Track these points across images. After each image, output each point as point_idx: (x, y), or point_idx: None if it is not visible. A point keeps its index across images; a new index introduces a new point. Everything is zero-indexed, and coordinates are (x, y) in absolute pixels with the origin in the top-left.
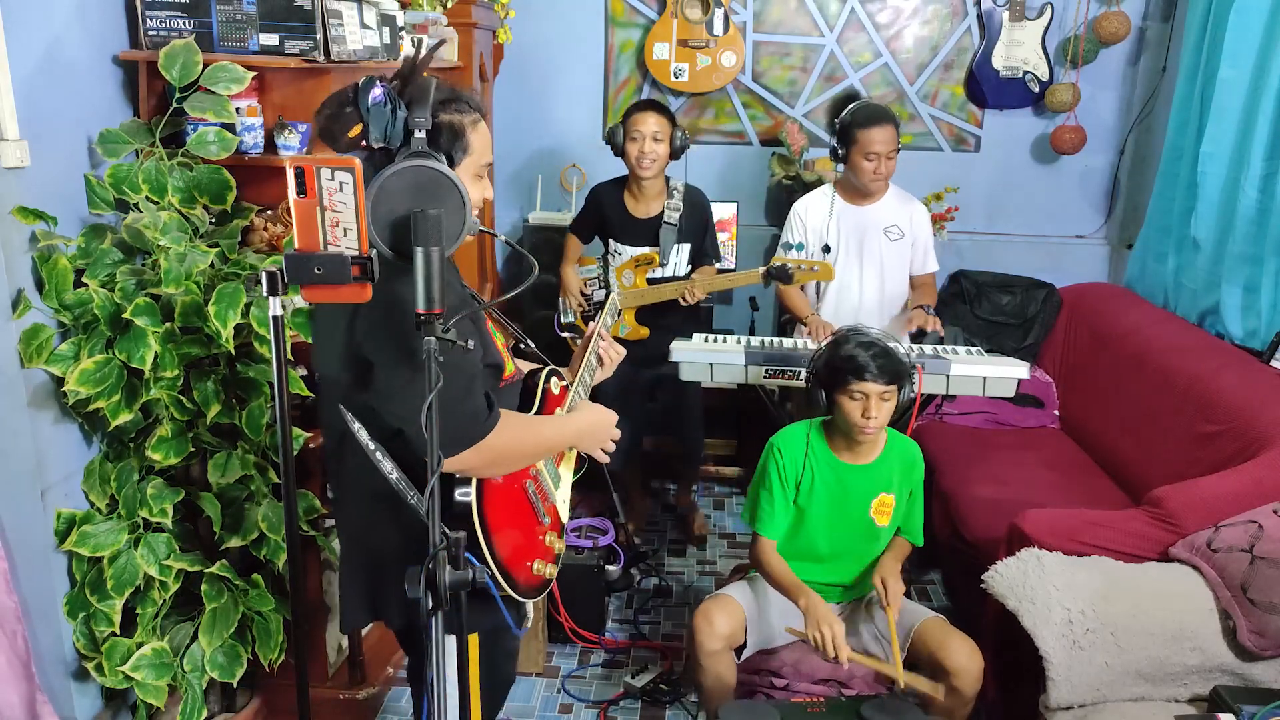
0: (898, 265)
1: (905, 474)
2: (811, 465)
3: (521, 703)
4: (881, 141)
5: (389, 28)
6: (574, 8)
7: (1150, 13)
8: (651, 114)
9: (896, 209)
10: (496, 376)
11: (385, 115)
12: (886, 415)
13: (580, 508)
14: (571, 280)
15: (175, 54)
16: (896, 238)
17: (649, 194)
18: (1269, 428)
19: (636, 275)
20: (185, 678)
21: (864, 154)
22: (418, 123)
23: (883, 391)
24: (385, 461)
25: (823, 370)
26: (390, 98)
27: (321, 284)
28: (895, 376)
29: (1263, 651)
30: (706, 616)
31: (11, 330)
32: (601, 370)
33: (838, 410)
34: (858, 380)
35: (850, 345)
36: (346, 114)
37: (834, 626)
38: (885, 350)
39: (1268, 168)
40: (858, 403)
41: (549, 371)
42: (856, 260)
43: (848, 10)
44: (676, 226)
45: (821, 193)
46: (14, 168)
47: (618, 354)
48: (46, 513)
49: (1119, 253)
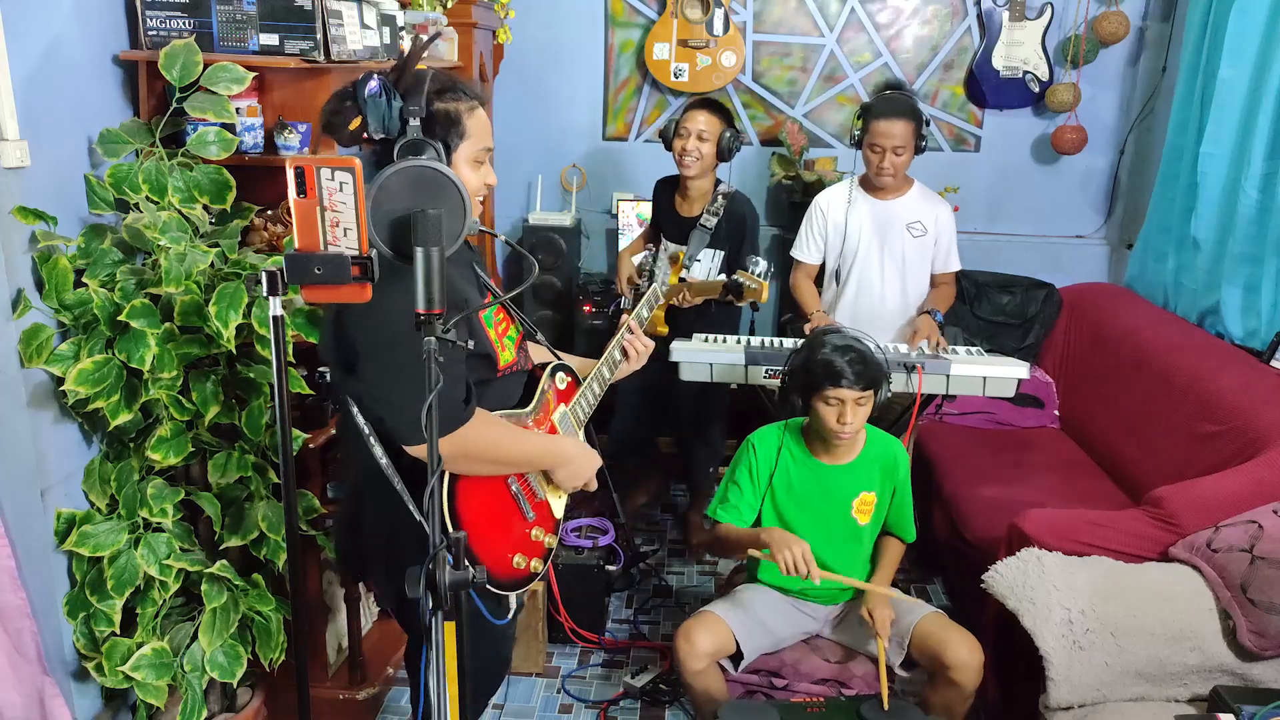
0: (920, 262)
1: (887, 471)
2: (786, 462)
3: (521, 703)
4: (885, 135)
5: (389, 27)
6: (574, 8)
7: (1150, 13)
8: (702, 112)
9: (920, 206)
10: (490, 367)
11: (381, 106)
12: (862, 419)
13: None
14: (625, 266)
15: (175, 54)
16: (919, 234)
17: (694, 194)
18: (1269, 428)
19: (672, 272)
20: (185, 678)
21: (870, 145)
22: (412, 111)
23: (858, 397)
24: (377, 446)
25: (799, 374)
26: (386, 89)
27: (321, 284)
28: (871, 382)
29: (1263, 651)
30: (686, 636)
31: (11, 330)
32: (627, 364)
33: (814, 414)
34: (833, 386)
35: (826, 350)
36: (347, 107)
37: (800, 544)
38: (861, 355)
39: (1268, 167)
40: (833, 408)
41: (554, 367)
42: (878, 253)
43: (848, 10)
44: (710, 231)
45: (843, 185)
46: (14, 168)
47: (645, 348)
48: (46, 513)
49: (1119, 253)
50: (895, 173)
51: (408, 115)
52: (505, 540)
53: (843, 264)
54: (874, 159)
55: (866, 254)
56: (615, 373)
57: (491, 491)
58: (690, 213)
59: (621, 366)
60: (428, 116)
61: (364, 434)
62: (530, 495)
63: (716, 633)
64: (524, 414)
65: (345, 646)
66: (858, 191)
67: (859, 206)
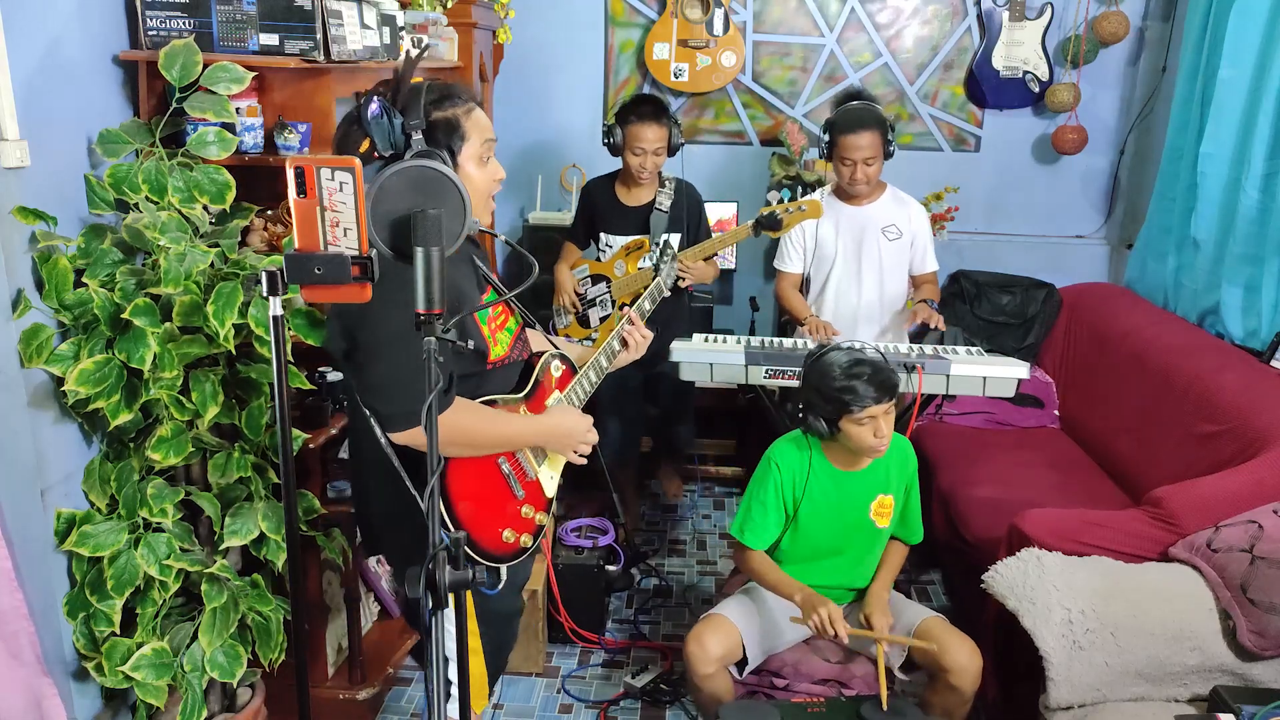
0: (897, 265)
1: (900, 472)
2: (812, 479)
3: (521, 703)
4: (855, 148)
5: (389, 28)
6: (574, 8)
7: (1150, 13)
8: (651, 127)
9: (894, 209)
10: (480, 361)
11: (384, 126)
12: (891, 424)
13: (580, 508)
14: (565, 279)
15: (175, 54)
16: (895, 237)
17: (641, 184)
18: (1269, 428)
19: (628, 263)
20: (185, 678)
21: (840, 159)
22: (413, 125)
23: (886, 409)
24: (378, 427)
25: (818, 403)
26: (385, 109)
27: (321, 284)
28: (891, 389)
29: (1263, 651)
30: (699, 640)
31: (11, 330)
32: (626, 353)
33: (844, 436)
34: (862, 408)
35: (837, 374)
36: (354, 131)
37: (829, 606)
38: (873, 365)
39: (1268, 168)
40: (866, 426)
41: (550, 355)
42: (855, 260)
43: (848, 10)
44: (668, 213)
45: (818, 194)
46: (14, 168)
47: (644, 338)
48: (46, 513)
49: (1119, 253)
50: (869, 181)
51: (409, 130)
52: (495, 516)
53: (820, 271)
54: (845, 171)
55: (845, 260)
56: (614, 362)
57: (481, 471)
58: (638, 201)
59: (621, 356)
60: (428, 127)
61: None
62: (521, 475)
63: (728, 637)
64: (516, 399)
65: (345, 646)
66: (831, 200)
67: (832, 215)
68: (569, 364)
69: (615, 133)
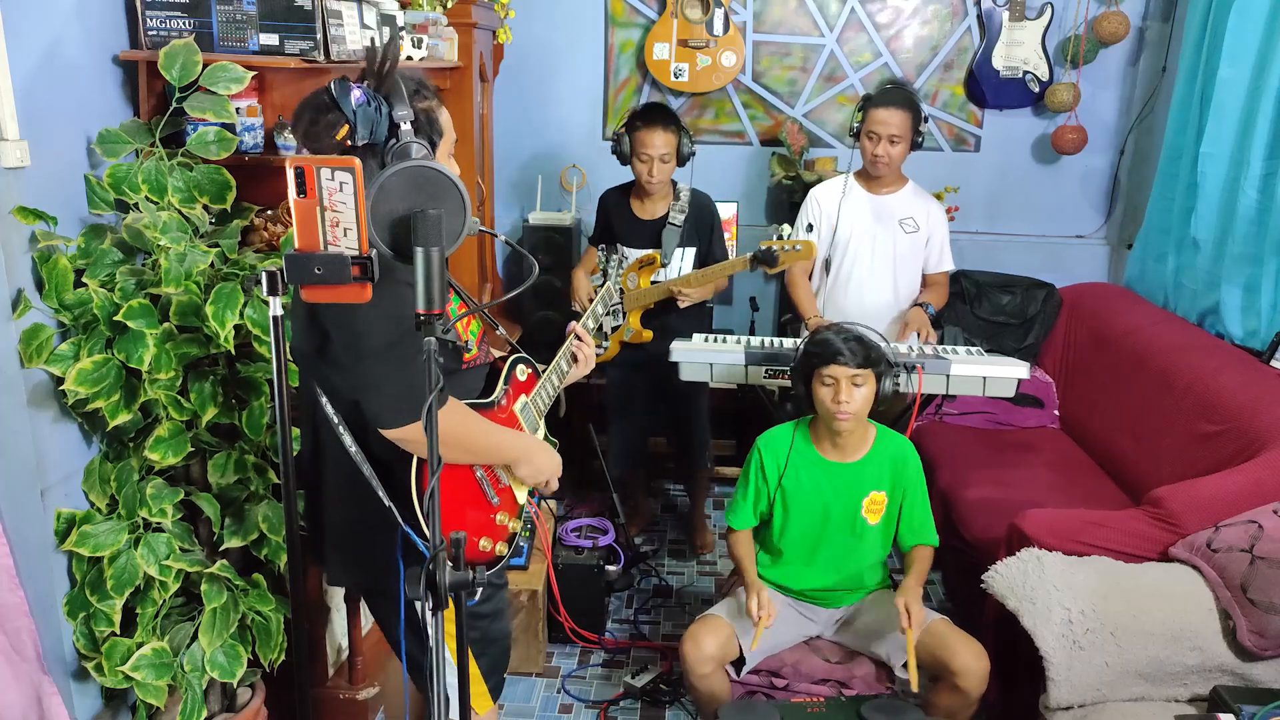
0: (911, 259)
1: (897, 472)
2: (796, 463)
3: (521, 703)
4: (880, 122)
5: (389, 28)
6: (574, 8)
7: (1150, 13)
8: (658, 133)
9: (913, 202)
10: (457, 359)
11: (372, 114)
12: (861, 402)
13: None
14: (581, 285)
15: (175, 54)
16: (912, 230)
17: (655, 197)
18: (1269, 428)
19: (640, 277)
20: (185, 678)
21: (866, 133)
22: (402, 115)
23: (853, 375)
24: (346, 435)
25: (799, 362)
26: (370, 96)
27: (321, 284)
28: (866, 361)
29: (1263, 651)
30: (694, 640)
31: (11, 330)
32: (577, 368)
33: (815, 401)
34: (828, 364)
35: (824, 332)
36: (329, 118)
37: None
38: (858, 337)
39: (1268, 168)
40: (829, 388)
41: (516, 359)
42: (869, 245)
43: (848, 10)
44: (680, 228)
45: (839, 178)
46: (14, 168)
47: (592, 353)
48: (46, 512)
49: (1119, 253)
50: (890, 162)
51: (398, 119)
52: (471, 524)
53: (834, 254)
54: (869, 146)
55: (858, 245)
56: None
57: (457, 477)
58: (651, 214)
59: (571, 372)
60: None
61: (334, 424)
62: (495, 481)
63: (721, 635)
64: (488, 404)
65: (345, 646)
66: (853, 183)
67: (852, 198)
68: (533, 367)
69: (623, 140)
